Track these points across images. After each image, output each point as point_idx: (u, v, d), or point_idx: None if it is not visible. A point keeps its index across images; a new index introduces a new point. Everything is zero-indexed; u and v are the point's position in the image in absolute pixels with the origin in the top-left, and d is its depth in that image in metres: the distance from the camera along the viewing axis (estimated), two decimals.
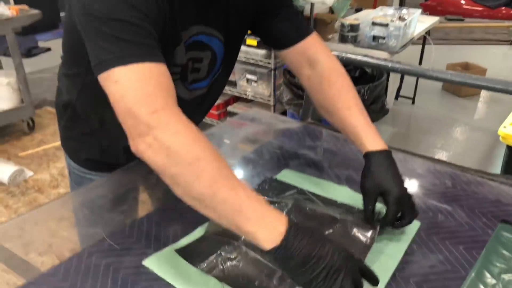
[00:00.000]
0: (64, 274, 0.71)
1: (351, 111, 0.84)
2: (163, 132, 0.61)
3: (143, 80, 0.63)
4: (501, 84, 0.97)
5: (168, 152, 0.60)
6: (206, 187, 0.60)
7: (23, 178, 2.48)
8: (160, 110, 0.62)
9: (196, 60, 0.85)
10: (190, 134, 0.62)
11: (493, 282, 0.69)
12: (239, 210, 0.60)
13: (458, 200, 0.91)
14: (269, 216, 0.60)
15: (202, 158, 0.60)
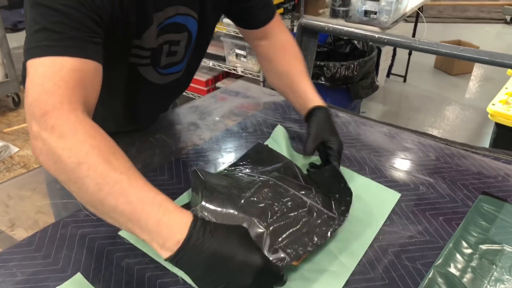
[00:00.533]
0: (38, 244, 0.69)
1: (302, 77, 0.93)
2: (49, 136, 0.55)
3: (47, 75, 0.57)
4: (488, 56, 0.96)
5: (54, 158, 0.55)
6: (92, 195, 0.54)
7: (9, 154, 2.46)
8: (50, 111, 0.56)
9: (172, 43, 0.82)
10: (75, 137, 0.55)
11: (469, 252, 0.69)
12: (131, 219, 0.53)
13: (440, 172, 0.90)
14: (165, 223, 0.52)
15: (84, 163, 0.53)
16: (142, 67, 0.82)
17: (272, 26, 0.95)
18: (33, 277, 0.63)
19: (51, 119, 0.56)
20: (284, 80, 0.94)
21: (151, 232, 0.52)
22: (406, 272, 0.66)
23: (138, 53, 0.78)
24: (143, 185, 0.55)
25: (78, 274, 0.64)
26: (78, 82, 0.59)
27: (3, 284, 0.62)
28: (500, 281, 0.64)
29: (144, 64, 0.81)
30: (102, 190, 0.53)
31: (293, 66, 0.94)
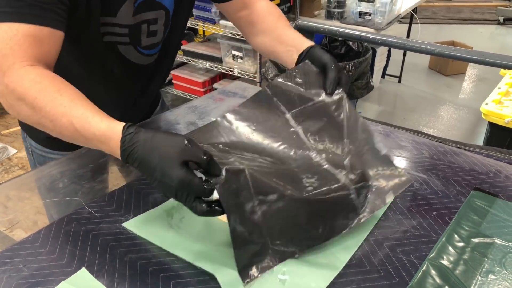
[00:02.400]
0: (43, 240, 0.71)
1: (289, 29, 0.93)
2: (6, 92, 0.66)
3: (4, 39, 0.65)
4: (479, 55, 0.99)
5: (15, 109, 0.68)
6: (52, 130, 0.67)
7: (7, 156, 2.46)
8: (6, 71, 0.65)
9: (151, 22, 0.84)
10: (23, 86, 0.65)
11: (462, 245, 0.72)
12: (85, 142, 0.66)
13: (434, 169, 0.93)
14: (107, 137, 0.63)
15: (35, 107, 0.65)
16: (122, 46, 0.83)
17: None
18: (39, 272, 0.65)
19: (6, 78, 0.66)
20: (271, 35, 0.93)
21: (103, 147, 0.65)
22: (400, 265, 0.69)
23: (115, 31, 0.80)
24: (83, 111, 0.64)
25: (83, 269, 0.66)
26: (32, 45, 0.67)
27: (10, 279, 0.64)
28: (491, 273, 0.67)
29: (124, 43, 0.83)
30: (56, 125, 0.65)
31: (279, 22, 0.94)
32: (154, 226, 0.74)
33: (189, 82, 2.87)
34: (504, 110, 1.92)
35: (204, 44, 2.85)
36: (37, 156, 0.99)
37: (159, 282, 0.64)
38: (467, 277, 0.66)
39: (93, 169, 0.90)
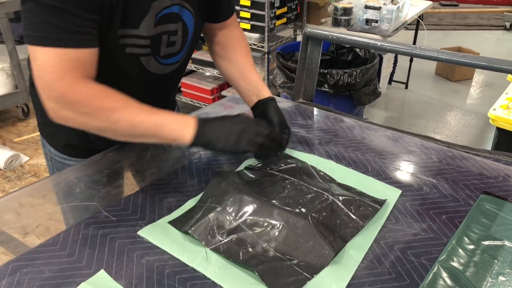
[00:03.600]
0: (63, 243, 0.73)
1: (253, 69, 1.04)
2: (74, 107, 0.75)
3: (55, 64, 0.72)
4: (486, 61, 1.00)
5: (85, 120, 0.76)
6: (128, 129, 0.77)
7: (19, 163, 2.50)
8: (67, 92, 0.73)
9: (171, 33, 0.88)
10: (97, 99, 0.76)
11: (472, 247, 0.73)
12: (160, 130, 0.78)
13: (443, 173, 0.94)
14: (182, 122, 0.80)
15: (114, 112, 0.76)
16: (143, 57, 0.87)
17: (230, 21, 1.05)
18: (60, 274, 0.67)
19: (70, 97, 0.74)
20: (236, 67, 1.03)
21: (175, 131, 0.79)
22: (411, 267, 0.70)
23: (138, 43, 0.84)
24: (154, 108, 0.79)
25: (102, 271, 0.68)
26: (80, 66, 0.75)
27: (32, 280, 0.66)
28: (501, 274, 0.68)
29: (145, 54, 0.86)
30: (133, 123, 0.77)
31: (246, 58, 1.04)
32: (170, 234, 0.75)
33: (197, 90, 2.91)
34: None
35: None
36: (56, 162, 1.01)
37: (175, 283, 0.66)
38: (477, 279, 0.67)
39: (109, 175, 0.92)
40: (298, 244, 0.71)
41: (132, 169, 0.95)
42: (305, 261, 0.69)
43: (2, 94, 2.76)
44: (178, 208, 0.82)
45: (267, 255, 0.70)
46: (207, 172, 0.94)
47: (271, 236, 0.73)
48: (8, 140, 2.75)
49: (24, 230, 0.79)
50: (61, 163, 1.00)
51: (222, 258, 0.70)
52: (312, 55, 1.30)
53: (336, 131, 1.12)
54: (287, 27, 2.77)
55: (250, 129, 0.82)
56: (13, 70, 2.77)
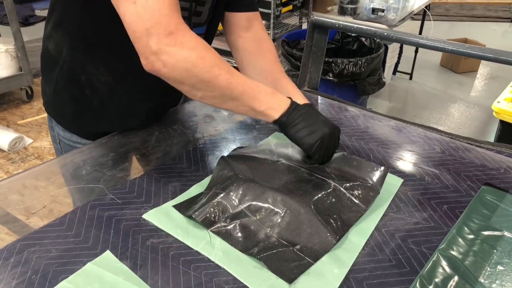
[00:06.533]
0: (69, 224, 0.75)
1: (285, 76, 1.00)
2: (180, 50, 0.71)
3: (159, 1, 0.70)
4: (493, 53, 1.00)
5: (186, 66, 0.72)
6: (223, 87, 0.75)
7: (23, 146, 2.52)
8: (175, 31, 0.71)
9: (199, 3, 0.89)
10: (203, 48, 0.73)
11: (471, 237, 0.74)
12: (253, 97, 0.77)
13: (445, 164, 0.94)
14: (276, 98, 0.79)
15: (216, 65, 0.74)
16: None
17: (256, 18, 1.01)
18: (67, 253, 0.69)
19: (178, 37, 0.71)
20: (267, 76, 0.98)
21: (268, 102, 0.78)
22: (411, 254, 0.71)
23: (181, 5, 0.83)
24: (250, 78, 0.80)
25: (107, 251, 0.69)
26: (178, 5, 0.74)
27: (39, 259, 0.67)
28: (500, 264, 0.69)
29: (184, 17, 0.86)
30: (231, 82, 0.75)
31: (275, 65, 1.00)
32: (175, 218, 0.76)
33: None
34: None
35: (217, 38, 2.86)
36: (64, 145, 1.02)
37: (179, 265, 0.67)
38: (476, 267, 0.68)
39: (114, 158, 0.94)
40: (301, 230, 0.73)
41: (138, 153, 0.96)
42: (307, 247, 0.71)
43: (6, 76, 2.76)
44: (183, 193, 0.83)
45: (270, 241, 0.72)
46: (212, 157, 0.94)
47: (274, 222, 0.74)
48: (12, 122, 2.76)
49: (28, 211, 0.80)
50: (70, 146, 1.01)
51: (226, 242, 0.72)
52: (318, 43, 1.30)
53: (340, 120, 1.12)
54: (293, 15, 2.76)
55: (333, 137, 0.81)
56: (18, 52, 2.77)
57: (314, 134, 0.79)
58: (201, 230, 0.74)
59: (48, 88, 0.98)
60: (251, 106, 0.77)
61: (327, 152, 0.82)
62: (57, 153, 1.06)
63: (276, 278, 0.66)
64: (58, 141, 1.03)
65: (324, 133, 0.79)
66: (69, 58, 0.90)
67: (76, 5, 0.82)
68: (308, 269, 0.67)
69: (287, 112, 0.79)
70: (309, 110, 0.80)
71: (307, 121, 0.79)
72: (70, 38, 0.88)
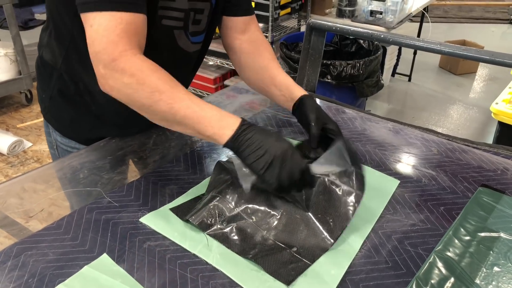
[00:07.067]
0: (66, 227, 0.75)
1: (282, 71, 0.98)
2: (121, 76, 0.72)
3: (110, 28, 0.71)
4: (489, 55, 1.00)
5: (127, 92, 0.73)
6: (165, 112, 0.73)
7: (22, 149, 2.52)
8: (118, 57, 0.71)
9: (198, 11, 0.89)
10: (144, 73, 0.72)
11: (468, 238, 0.74)
12: (197, 122, 0.73)
13: (442, 166, 0.95)
14: (223, 121, 0.74)
15: (156, 91, 0.72)
16: (177, 30, 0.88)
17: (252, 21, 1.01)
18: (64, 256, 0.69)
19: (120, 63, 0.71)
20: (264, 74, 0.98)
21: (213, 127, 0.73)
22: (408, 256, 0.71)
23: (173, 15, 0.84)
24: (200, 99, 0.75)
25: (104, 254, 0.69)
26: (134, 32, 0.73)
27: (36, 262, 0.67)
28: (496, 265, 0.69)
29: (178, 27, 0.87)
30: (173, 107, 0.72)
31: (272, 62, 0.99)
32: (172, 221, 0.76)
33: (200, 79, 2.91)
34: None
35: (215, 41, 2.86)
36: (62, 151, 1.02)
37: (176, 268, 0.67)
38: (472, 269, 0.68)
39: (112, 161, 0.94)
40: (298, 232, 0.73)
41: (135, 156, 0.97)
42: (304, 248, 0.71)
43: (5, 80, 2.77)
44: (180, 196, 0.83)
45: (267, 243, 0.72)
46: (210, 160, 0.95)
47: (270, 224, 0.74)
48: (12, 125, 2.77)
49: (27, 214, 0.81)
50: (68, 152, 1.01)
51: (223, 245, 0.72)
52: (316, 46, 1.30)
53: (337, 122, 1.11)
54: (291, 17, 2.77)
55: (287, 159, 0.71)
56: (17, 56, 2.78)
57: (261, 159, 0.70)
58: (198, 233, 0.74)
59: (45, 95, 0.98)
60: (197, 130, 0.74)
61: (285, 177, 0.71)
62: (54, 158, 1.07)
63: (274, 280, 0.66)
64: (55, 147, 1.04)
65: (273, 156, 0.70)
66: (64, 67, 0.91)
67: (69, 16, 0.83)
68: (305, 271, 0.67)
69: (233, 137, 0.72)
70: (257, 133, 0.72)
71: (253, 146, 0.71)
72: (66, 49, 0.88)
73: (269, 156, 0.70)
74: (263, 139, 0.72)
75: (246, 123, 0.73)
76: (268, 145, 0.71)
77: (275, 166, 0.70)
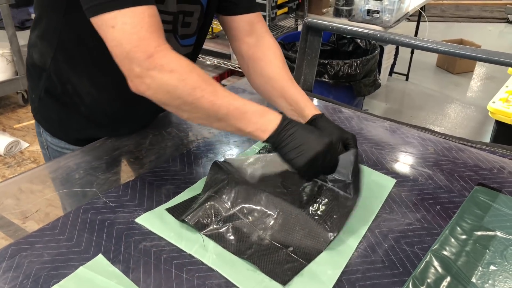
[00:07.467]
0: (62, 228, 0.74)
1: (293, 83, 0.94)
2: (160, 73, 0.69)
3: (137, 24, 0.68)
4: (485, 54, 1.00)
5: (168, 89, 0.70)
6: (207, 109, 0.72)
7: (19, 150, 2.51)
8: (154, 53, 0.69)
9: (187, 14, 0.88)
10: (184, 69, 0.71)
11: (464, 237, 0.74)
12: (239, 118, 0.73)
13: (439, 165, 0.95)
14: (265, 117, 0.74)
15: (198, 87, 0.71)
16: (166, 33, 0.85)
17: (257, 20, 0.96)
18: (59, 257, 0.68)
19: (158, 60, 0.69)
20: (274, 84, 0.93)
21: (256, 123, 0.73)
22: (404, 255, 0.71)
23: (162, 18, 0.81)
24: (238, 96, 0.74)
25: (100, 255, 0.69)
26: (158, 25, 0.71)
27: (31, 263, 0.67)
28: (493, 264, 0.69)
29: (167, 30, 0.85)
30: (215, 104, 0.72)
31: (282, 71, 0.94)
32: (168, 221, 0.76)
33: None
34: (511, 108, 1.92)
35: (213, 41, 2.88)
36: (53, 151, 1.02)
37: (172, 268, 0.67)
38: (468, 268, 0.68)
39: (107, 161, 0.93)
40: (294, 232, 0.73)
41: (131, 156, 0.96)
42: (301, 248, 0.71)
43: (2, 80, 2.76)
44: (176, 196, 0.83)
45: (263, 243, 0.72)
46: (206, 159, 0.94)
47: (267, 224, 0.74)
48: (8, 126, 2.76)
49: (24, 215, 0.80)
50: (58, 152, 1.01)
51: (220, 245, 0.72)
52: (312, 45, 1.30)
53: (334, 121, 1.11)
54: (288, 17, 2.76)
55: (327, 155, 0.75)
56: (13, 56, 2.77)
57: (303, 156, 0.73)
58: (194, 233, 0.74)
59: (34, 95, 0.97)
60: (238, 127, 0.74)
61: (322, 171, 0.78)
62: (46, 158, 1.06)
63: (270, 280, 0.66)
64: (46, 147, 1.03)
65: (315, 152, 0.73)
66: (53, 68, 0.90)
67: (58, 17, 0.82)
68: (301, 271, 0.67)
69: (276, 133, 0.73)
70: (299, 129, 0.74)
71: (296, 141, 0.73)
72: (54, 50, 0.87)
73: (310, 154, 0.73)
74: (306, 134, 0.74)
75: (288, 119, 0.75)
76: (310, 143, 0.73)
77: (315, 164, 0.73)
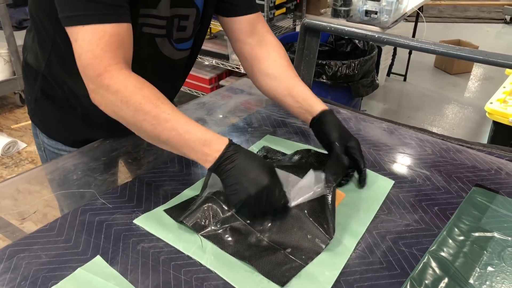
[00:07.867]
0: (60, 229, 0.74)
1: (299, 81, 0.93)
2: (106, 92, 0.71)
3: (93, 42, 0.69)
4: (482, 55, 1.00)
5: (113, 109, 0.72)
6: (149, 133, 0.72)
7: (17, 150, 2.51)
8: (103, 73, 0.70)
9: (182, 18, 0.87)
10: (129, 90, 0.71)
11: (462, 238, 0.74)
12: (181, 145, 0.72)
13: (436, 166, 0.95)
14: (207, 145, 0.72)
15: (139, 110, 0.71)
16: (159, 38, 0.86)
17: (258, 20, 0.95)
18: (57, 259, 0.68)
19: (105, 79, 0.70)
20: (280, 83, 0.93)
21: (197, 152, 0.72)
22: (402, 257, 0.71)
23: (154, 23, 0.82)
24: (186, 120, 0.72)
25: (98, 256, 0.69)
26: (119, 44, 0.71)
27: (29, 265, 0.67)
28: (490, 265, 0.69)
29: (160, 35, 0.86)
30: (156, 128, 0.71)
31: (288, 70, 0.94)
32: (166, 222, 0.76)
33: (196, 79, 2.90)
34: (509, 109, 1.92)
35: (211, 41, 2.88)
36: (49, 153, 1.02)
37: (170, 269, 0.67)
38: (466, 269, 0.68)
39: (106, 162, 0.93)
40: (292, 233, 0.73)
41: (129, 157, 0.96)
42: (298, 249, 0.71)
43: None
44: (175, 197, 0.83)
45: (261, 244, 0.72)
46: None
47: (265, 225, 0.74)
48: (6, 126, 2.75)
49: (21, 216, 0.80)
50: (55, 154, 1.00)
51: (218, 246, 0.72)
52: (310, 46, 1.30)
53: None
54: (286, 17, 2.76)
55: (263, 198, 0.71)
56: (11, 56, 2.76)
57: (236, 196, 0.71)
58: (192, 234, 0.74)
59: (31, 97, 0.97)
60: (182, 152, 0.73)
61: (262, 213, 0.73)
62: (42, 160, 1.06)
63: (268, 281, 0.66)
64: (43, 149, 1.03)
65: (247, 195, 0.70)
66: (48, 71, 0.90)
67: (50, 22, 0.82)
68: (299, 272, 0.67)
69: (215, 165, 0.71)
70: (239, 163, 0.70)
71: (231, 179, 0.70)
72: (48, 53, 0.87)
73: (243, 194, 0.70)
74: (243, 172, 0.70)
75: (230, 150, 0.71)
76: (245, 181, 0.70)
77: (249, 204, 0.71)
